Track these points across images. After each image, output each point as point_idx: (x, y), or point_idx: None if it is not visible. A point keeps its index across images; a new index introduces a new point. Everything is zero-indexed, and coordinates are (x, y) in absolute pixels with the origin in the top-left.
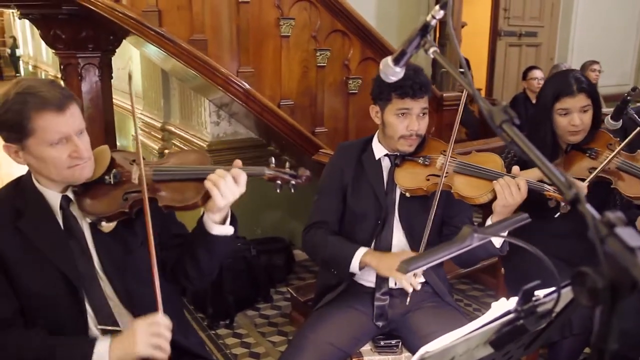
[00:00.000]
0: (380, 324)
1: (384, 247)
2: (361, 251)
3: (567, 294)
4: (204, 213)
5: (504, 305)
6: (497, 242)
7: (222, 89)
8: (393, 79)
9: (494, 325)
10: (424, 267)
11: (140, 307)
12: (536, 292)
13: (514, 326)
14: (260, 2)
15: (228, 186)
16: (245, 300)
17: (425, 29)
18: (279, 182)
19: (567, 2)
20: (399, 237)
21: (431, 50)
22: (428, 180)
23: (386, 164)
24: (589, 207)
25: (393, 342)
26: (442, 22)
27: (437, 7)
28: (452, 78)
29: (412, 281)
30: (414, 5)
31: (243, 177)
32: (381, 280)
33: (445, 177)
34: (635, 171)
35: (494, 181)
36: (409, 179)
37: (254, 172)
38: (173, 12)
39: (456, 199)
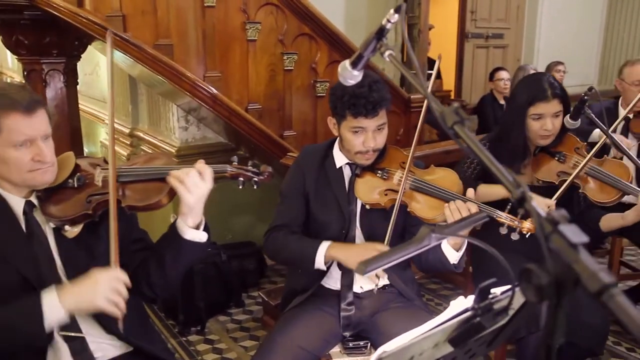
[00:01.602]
0: (347, 333)
1: None
2: (325, 245)
3: None
4: (176, 218)
5: (462, 303)
6: (453, 259)
7: (189, 94)
8: (351, 82)
9: (452, 324)
10: (383, 268)
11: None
12: (493, 290)
13: (471, 324)
14: (226, 6)
15: (193, 181)
16: (216, 305)
17: (381, 32)
18: (241, 179)
19: (532, 4)
20: None
21: (387, 53)
22: (386, 195)
23: (347, 172)
24: (534, 205)
25: (361, 343)
26: (411, 25)
27: (392, 11)
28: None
29: (379, 274)
30: (382, 9)
31: (208, 172)
32: (346, 289)
33: (403, 193)
34: (602, 177)
35: (445, 204)
36: (368, 192)
37: (216, 169)
38: (137, 17)
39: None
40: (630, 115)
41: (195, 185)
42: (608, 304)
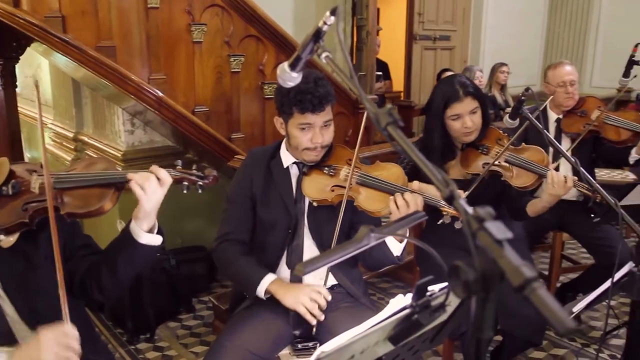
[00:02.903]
0: (297, 332)
1: (296, 255)
2: (268, 279)
3: None
4: (130, 221)
5: (401, 301)
6: (396, 251)
7: (134, 97)
8: (290, 84)
9: (391, 321)
10: (322, 268)
11: (45, 325)
12: (430, 287)
13: (409, 321)
14: (170, 7)
15: (152, 187)
16: (166, 312)
17: (318, 34)
18: (185, 183)
19: (477, 7)
20: (309, 246)
21: (323, 55)
22: (333, 191)
23: (294, 171)
24: (462, 202)
25: (310, 344)
26: (359, 27)
27: (328, 13)
28: (369, 81)
29: (316, 313)
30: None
31: (166, 177)
32: None
33: (350, 188)
34: (520, 162)
35: (390, 196)
36: (315, 189)
37: None
38: (78, 18)
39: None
40: (561, 116)
41: (154, 191)
42: (530, 297)
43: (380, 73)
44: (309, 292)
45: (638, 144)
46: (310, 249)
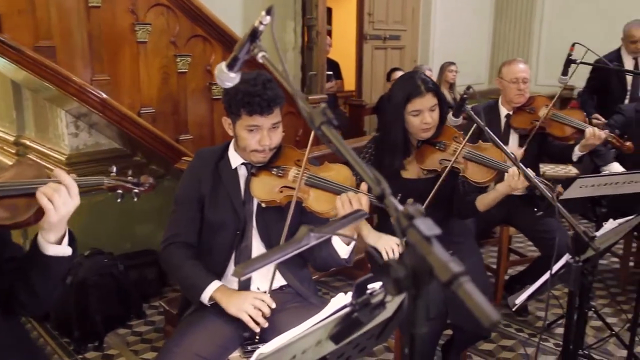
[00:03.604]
0: (246, 334)
1: (245, 257)
2: (213, 286)
3: None
4: (37, 234)
5: (342, 300)
6: (343, 253)
7: (76, 99)
8: (228, 84)
9: (332, 320)
10: (260, 269)
11: None
12: (371, 285)
13: (350, 320)
14: (113, 7)
15: (62, 200)
16: (115, 318)
17: (254, 34)
18: (120, 191)
19: (426, 7)
20: (258, 247)
21: (260, 55)
22: (281, 192)
23: (243, 172)
24: (393, 200)
25: (260, 346)
26: (309, 27)
27: (264, 12)
28: (319, 81)
29: (260, 320)
30: (279, 11)
31: (75, 189)
32: (244, 289)
33: (298, 189)
34: (478, 159)
35: (337, 196)
36: (264, 190)
37: (91, 183)
38: (14, 17)
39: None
40: (511, 112)
41: (63, 203)
42: (457, 291)
43: (330, 73)
44: (252, 299)
45: (581, 142)
46: (258, 251)
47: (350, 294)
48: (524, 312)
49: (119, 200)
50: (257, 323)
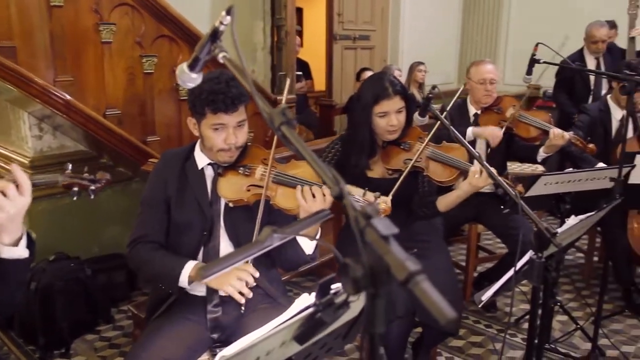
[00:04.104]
0: (215, 335)
1: (212, 257)
2: (189, 265)
3: None
4: None
5: (306, 300)
6: (308, 249)
7: (39, 100)
8: (190, 85)
9: (296, 321)
10: (222, 272)
11: None
12: (335, 285)
13: (313, 320)
14: (76, 6)
15: (10, 198)
16: (82, 324)
17: (215, 34)
18: (76, 189)
19: (395, 8)
20: (226, 247)
21: (220, 55)
22: (249, 190)
23: (209, 172)
24: (351, 200)
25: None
26: (279, 27)
27: (224, 12)
28: (290, 80)
29: (244, 291)
30: (248, 11)
31: (27, 186)
32: (211, 291)
33: (267, 187)
34: (441, 158)
35: (298, 188)
36: (231, 190)
37: (45, 181)
38: None
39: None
40: (479, 111)
41: (12, 203)
42: (413, 290)
43: (300, 73)
44: (235, 271)
45: (545, 143)
46: (226, 250)
47: (314, 294)
48: (492, 308)
49: (75, 198)
50: (242, 294)
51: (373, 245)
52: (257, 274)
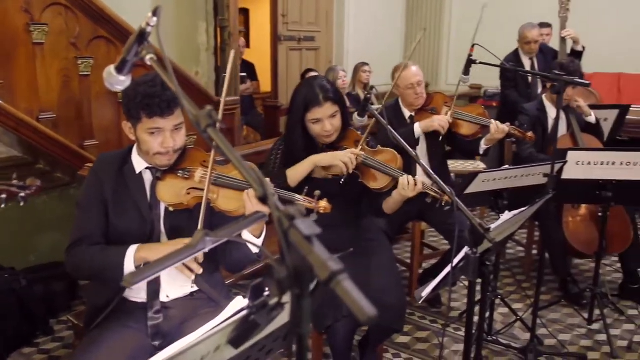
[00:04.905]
0: (157, 342)
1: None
2: (133, 248)
3: None
4: None
5: (240, 303)
6: (255, 248)
7: None
8: (119, 87)
9: (230, 324)
10: (151, 277)
11: None
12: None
13: (248, 323)
14: (4, 5)
15: None
16: (18, 337)
17: (142, 36)
18: (4, 196)
19: (339, 8)
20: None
21: (148, 57)
22: (188, 194)
23: (148, 177)
24: (275, 201)
25: None
26: (222, 28)
27: (150, 14)
28: (234, 83)
29: (193, 267)
30: (191, 12)
31: None
32: (152, 297)
33: (208, 190)
34: (375, 165)
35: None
36: (170, 194)
37: None
38: None
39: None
40: (413, 114)
41: None
42: (335, 289)
43: (244, 74)
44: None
45: (486, 137)
46: None
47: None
48: (437, 303)
49: (2, 205)
50: (191, 270)
51: (297, 245)
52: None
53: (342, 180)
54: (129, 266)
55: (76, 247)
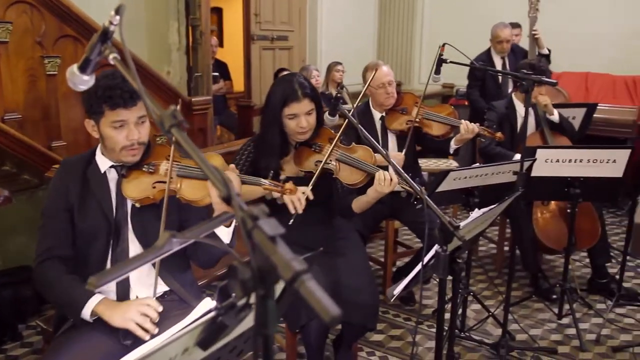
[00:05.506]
0: (128, 342)
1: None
2: (94, 300)
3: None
4: None
5: (207, 304)
6: (226, 237)
7: None
8: (82, 87)
9: (198, 326)
10: (116, 280)
11: None
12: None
13: (215, 324)
14: None
15: None
16: None
17: (105, 35)
18: None
19: (312, 8)
20: (135, 250)
21: (111, 56)
22: (154, 187)
23: (113, 176)
24: (239, 201)
25: None
26: (194, 27)
27: (113, 12)
28: (205, 82)
29: (148, 327)
30: (162, 11)
31: None
32: (122, 297)
33: (170, 182)
34: (349, 161)
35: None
36: (136, 189)
37: None
38: None
39: (183, 203)
40: (384, 114)
41: None
42: (299, 289)
43: (216, 74)
44: (137, 306)
45: (456, 137)
46: (136, 253)
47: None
48: (410, 301)
49: None
50: (146, 330)
51: (260, 246)
52: (160, 309)
53: (291, 222)
54: (85, 313)
55: (46, 261)
